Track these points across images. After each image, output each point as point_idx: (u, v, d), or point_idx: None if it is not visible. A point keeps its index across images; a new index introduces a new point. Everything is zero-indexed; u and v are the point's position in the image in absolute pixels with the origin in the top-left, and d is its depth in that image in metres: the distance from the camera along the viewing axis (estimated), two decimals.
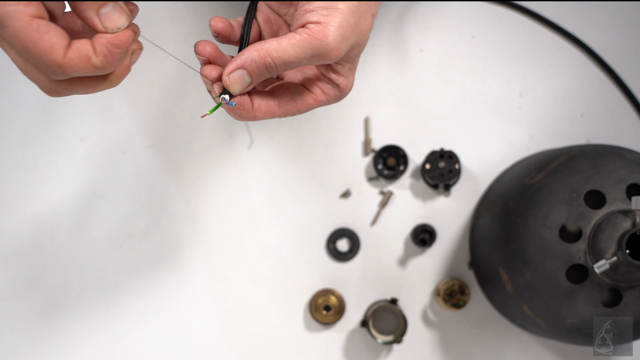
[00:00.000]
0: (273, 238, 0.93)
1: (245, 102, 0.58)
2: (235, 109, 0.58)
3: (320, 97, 0.60)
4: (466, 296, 0.91)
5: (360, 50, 0.59)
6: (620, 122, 0.94)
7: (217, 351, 0.93)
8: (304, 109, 0.60)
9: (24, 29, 0.49)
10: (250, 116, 0.58)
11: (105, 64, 0.51)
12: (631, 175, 0.78)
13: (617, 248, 0.73)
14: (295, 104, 0.59)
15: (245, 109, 0.58)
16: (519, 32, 0.94)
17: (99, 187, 0.93)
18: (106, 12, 0.52)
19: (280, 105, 0.59)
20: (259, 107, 0.58)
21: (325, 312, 0.92)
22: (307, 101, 0.60)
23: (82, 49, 0.51)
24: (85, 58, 0.51)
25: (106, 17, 0.52)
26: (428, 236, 0.91)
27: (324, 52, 0.55)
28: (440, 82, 0.94)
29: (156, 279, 0.93)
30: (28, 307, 0.93)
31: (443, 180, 0.91)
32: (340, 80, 0.60)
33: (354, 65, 0.60)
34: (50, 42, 0.49)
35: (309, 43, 0.55)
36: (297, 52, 0.55)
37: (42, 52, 0.50)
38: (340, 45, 0.55)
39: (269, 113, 0.59)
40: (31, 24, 0.49)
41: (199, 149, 0.94)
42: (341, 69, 0.59)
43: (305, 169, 0.94)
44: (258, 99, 0.58)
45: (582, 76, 0.94)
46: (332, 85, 0.60)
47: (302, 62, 0.56)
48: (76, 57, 0.50)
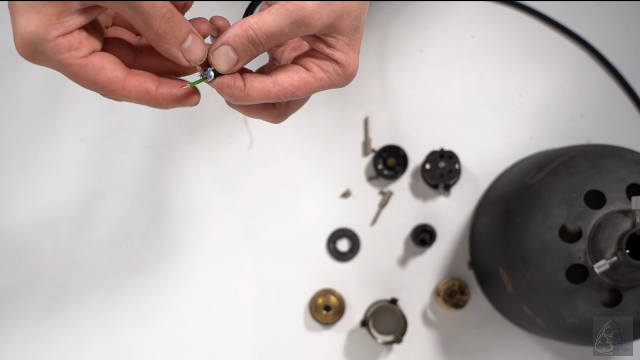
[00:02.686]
0: (273, 238, 0.93)
1: (236, 81, 0.56)
2: (226, 87, 0.56)
3: (319, 73, 0.57)
4: (466, 296, 0.91)
5: (354, 22, 0.56)
6: (621, 122, 0.94)
7: (217, 351, 0.93)
8: (303, 87, 0.57)
9: (79, 71, 0.51)
10: (243, 95, 0.56)
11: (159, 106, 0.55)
12: (631, 175, 0.78)
13: (617, 248, 0.73)
14: (291, 82, 0.57)
15: (236, 88, 0.56)
16: (519, 32, 0.94)
17: (99, 187, 0.94)
18: (187, 46, 0.53)
19: (276, 83, 0.57)
20: (252, 86, 0.56)
21: (325, 312, 0.92)
22: (305, 78, 0.57)
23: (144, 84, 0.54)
24: (144, 93, 0.54)
25: (188, 51, 0.54)
26: (428, 236, 0.91)
27: (302, 17, 0.53)
28: (440, 82, 0.94)
29: (156, 279, 0.93)
30: (28, 307, 0.93)
31: (443, 180, 0.91)
32: (338, 55, 0.57)
33: (352, 41, 0.57)
34: (107, 77, 0.52)
35: (287, 9, 0.53)
36: (276, 21, 0.53)
37: (102, 87, 0.52)
38: (319, 8, 0.54)
39: (264, 92, 0.56)
40: (85, 64, 0.51)
41: (199, 149, 0.94)
42: (335, 42, 0.56)
43: (305, 169, 0.94)
44: (251, 77, 0.56)
45: (582, 76, 0.94)
46: (329, 61, 0.57)
47: (284, 31, 0.54)
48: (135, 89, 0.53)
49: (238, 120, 0.94)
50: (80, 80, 0.52)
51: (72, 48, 0.51)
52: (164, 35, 0.52)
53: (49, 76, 0.93)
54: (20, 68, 0.94)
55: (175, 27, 0.53)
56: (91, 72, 0.51)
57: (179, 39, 0.53)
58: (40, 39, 0.50)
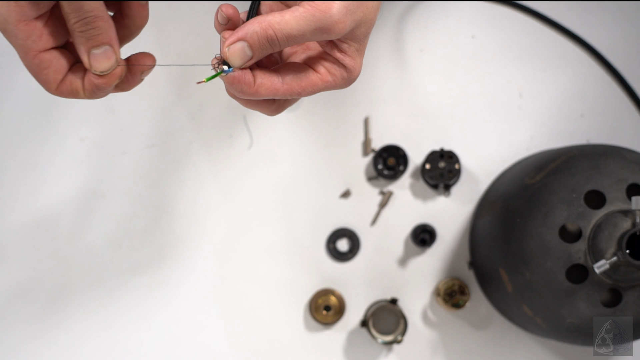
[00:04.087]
0: (273, 238, 0.93)
1: (247, 76, 0.56)
2: (236, 82, 0.56)
3: (326, 76, 0.58)
4: (466, 296, 0.91)
5: (368, 30, 0.57)
6: (620, 122, 0.94)
7: (217, 351, 0.93)
8: (309, 88, 0.58)
9: (28, 62, 0.54)
10: (252, 91, 0.56)
11: (91, 98, 0.57)
12: (631, 175, 0.78)
13: (617, 248, 0.73)
14: (300, 82, 0.57)
15: (246, 84, 0.56)
16: (519, 32, 0.94)
17: (99, 187, 0.93)
18: (96, 53, 0.54)
19: (285, 82, 0.57)
20: (262, 83, 0.56)
21: (325, 312, 0.92)
22: (312, 79, 0.58)
23: (73, 84, 0.56)
24: (74, 92, 0.56)
25: (94, 58, 0.55)
26: (428, 236, 0.91)
27: (327, 25, 0.54)
28: (440, 82, 0.94)
29: (156, 279, 0.93)
30: (28, 307, 0.93)
31: (443, 180, 0.91)
32: (347, 61, 0.57)
33: (362, 47, 0.58)
34: (46, 77, 0.55)
35: (312, 15, 0.53)
36: (300, 25, 0.53)
37: (41, 82, 0.56)
38: (344, 18, 0.54)
39: (271, 89, 0.57)
40: (34, 58, 0.54)
41: (199, 149, 0.94)
42: (347, 48, 0.57)
43: (305, 169, 0.94)
44: (261, 74, 0.57)
45: (582, 76, 0.94)
46: (338, 65, 0.58)
47: (306, 36, 0.54)
48: (67, 90, 0.56)
49: (238, 120, 0.94)
50: (27, 68, 0.55)
51: (30, 38, 0.53)
52: (77, 35, 0.54)
53: None
54: (20, 68, 0.93)
55: (91, 31, 0.54)
56: (36, 67, 0.54)
57: (90, 43, 0.54)
58: (3, 19, 0.53)
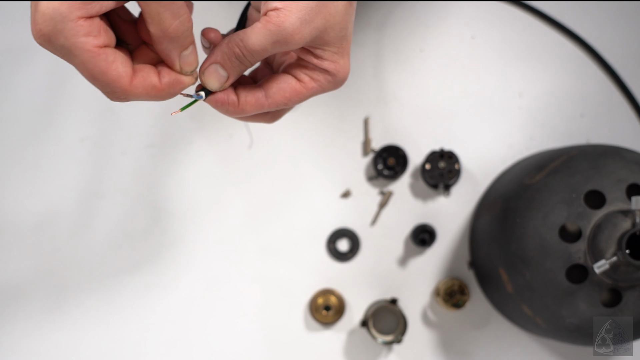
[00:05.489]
0: (273, 238, 0.93)
1: (230, 97, 0.57)
2: (220, 104, 0.57)
3: (310, 83, 0.58)
4: (466, 296, 0.91)
5: (339, 33, 0.56)
6: (620, 122, 0.94)
7: (217, 351, 0.93)
8: (295, 97, 0.58)
9: (92, 59, 0.51)
10: (238, 110, 0.57)
11: (165, 97, 0.55)
12: (631, 175, 0.78)
13: (617, 248, 0.73)
14: (283, 93, 0.58)
15: (230, 104, 0.57)
16: (519, 32, 0.94)
17: (99, 187, 0.94)
18: (186, 55, 0.54)
19: (268, 96, 0.58)
20: (246, 101, 0.57)
21: (325, 312, 0.92)
22: (296, 88, 0.58)
23: (148, 78, 0.53)
24: (150, 87, 0.53)
25: (185, 61, 0.54)
26: (428, 236, 0.91)
27: (284, 38, 0.54)
28: (440, 82, 0.94)
29: (156, 279, 0.93)
30: (28, 307, 0.93)
31: (443, 180, 0.91)
32: (326, 65, 0.57)
33: (341, 49, 0.57)
34: (117, 72, 0.51)
35: (268, 30, 0.54)
36: (259, 40, 0.54)
37: (110, 81, 0.52)
38: (300, 29, 0.54)
39: (257, 105, 0.57)
40: (100, 54, 0.51)
41: (199, 149, 0.94)
42: (322, 53, 0.57)
43: (305, 169, 0.94)
44: (244, 92, 0.57)
45: (582, 76, 0.94)
46: (319, 70, 0.58)
47: (268, 49, 0.55)
48: (141, 85, 0.53)
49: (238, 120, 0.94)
50: (90, 70, 0.51)
51: (91, 34, 0.50)
52: (174, 37, 0.53)
53: (49, 76, 0.93)
54: (20, 68, 0.94)
55: (185, 33, 0.53)
56: (103, 62, 0.51)
57: (183, 45, 0.54)
58: (61, 17, 0.49)
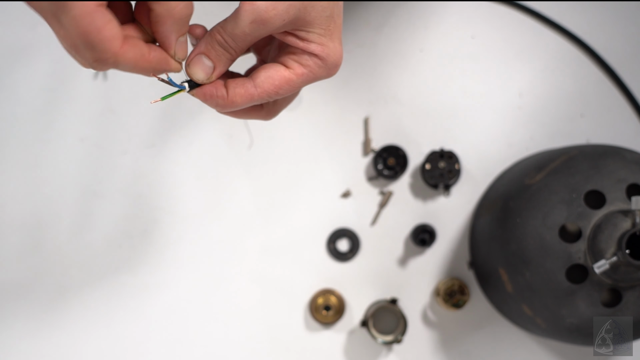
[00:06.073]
0: (273, 238, 0.93)
1: (219, 89, 0.56)
2: (209, 97, 0.56)
3: (299, 69, 0.57)
4: (466, 296, 0.91)
5: (322, 12, 0.55)
6: (620, 122, 0.94)
7: (217, 351, 0.93)
8: (286, 85, 0.57)
9: (89, 14, 0.49)
10: (228, 102, 0.56)
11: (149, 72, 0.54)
12: (631, 175, 0.78)
13: (617, 248, 0.73)
14: (272, 82, 0.56)
15: (219, 97, 0.56)
16: (519, 32, 0.94)
17: (99, 187, 0.94)
18: (182, 41, 0.54)
19: (257, 85, 0.56)
20: (236, 92, 0.56)
21: (325, 312, 0.92)
22: (285, 76, 0.57)
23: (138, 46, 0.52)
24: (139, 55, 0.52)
25: (180, 47, 0.54)
26: (428, 236, 0.91)
27: (259, 16, 0.53)
28: (440, 82, 0.94)
29: (156, 279, 0.93)
30: (28, 307, 0.93)
31: (443, 180, 0.91)
32: (313, 47, 0.56)
33: (327, 31, 0.56)
34: (112, 32, 0.50)
35: (244, 11, 0.53)
36: (236, 22, 0.54)
37: (103, 40, 0.50)
38: (275, 5, 0.53)
39: (247, 96, 0.56)
40: (97, 11, 0.49)
41: (199, 149, 0.94)
42: (306, 35, 0.56)
43: (305, 169, 0.94)
44: (234, 84, 0.57)
45: (582, 76, 0.94)
46: (307, 55, 0.56)
47: (247, 32, 0.54)
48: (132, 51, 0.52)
49: (238, 120, 0.94)
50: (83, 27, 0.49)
51: None
52: (177, 18, 0.53)
53: (49, 76, 0.93)
54: (20, 68, 0.94)
55: (188, 17, 0.53)
56: (100, 20, 0.49)
57: (182, 30, 0.54)
58: None
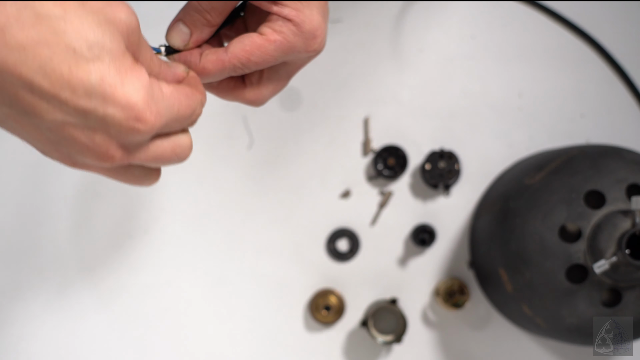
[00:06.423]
0: (273, 238, 0.93)
1: (192, 55, 0.56)
2: (183, 62, 0.56)
3: (272, 35, 0.55)
4: (466, 296, 0.91)
5: None
6: (621, 122, 0.94)
7: (217, 351, 0.93)
8: (257, 51, 0.55)
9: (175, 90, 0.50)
10: (199, 70, 0.56)
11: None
12: (631, 175, 0.78)
13: (617, 248, 0.73)
14: (243, 47, 0.55)
15: (192, 62, 0.56)
16: (518, 32, 0.94)
17: (99, 187, 0.94)
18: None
19: (229, 51, 0.56)
20: (207, 59, 0.56)
21: (325, 312, 0.92)
22: (257, 42, 0.55)
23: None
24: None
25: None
26: (428, 236, 0.91)
27: None
28: (440, 82, 0.94)
29: (156, 279, 0.93)
30: (28, 307, 0.93)
31: (443, 180, 0.91)
32: (287, 12, 0.54)
33: None
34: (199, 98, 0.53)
35: None
36: None
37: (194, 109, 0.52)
38: None
39: (218, 62, 0.56)
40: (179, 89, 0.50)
41: (199, 149, 0.94)
42: None
43: (305, 169, 0.94)
44: (207, 52, 0.57)
45: (582, 76, 0.94)
46: (281, 20, 0.55)
47: None
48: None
49: (238, 120, 0.94)
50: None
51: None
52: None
53: None
54: None
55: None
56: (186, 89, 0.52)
57: None
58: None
